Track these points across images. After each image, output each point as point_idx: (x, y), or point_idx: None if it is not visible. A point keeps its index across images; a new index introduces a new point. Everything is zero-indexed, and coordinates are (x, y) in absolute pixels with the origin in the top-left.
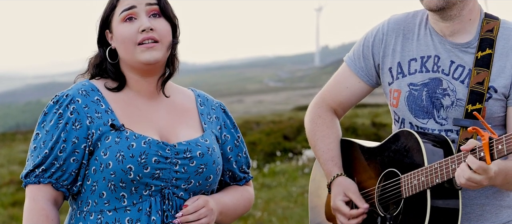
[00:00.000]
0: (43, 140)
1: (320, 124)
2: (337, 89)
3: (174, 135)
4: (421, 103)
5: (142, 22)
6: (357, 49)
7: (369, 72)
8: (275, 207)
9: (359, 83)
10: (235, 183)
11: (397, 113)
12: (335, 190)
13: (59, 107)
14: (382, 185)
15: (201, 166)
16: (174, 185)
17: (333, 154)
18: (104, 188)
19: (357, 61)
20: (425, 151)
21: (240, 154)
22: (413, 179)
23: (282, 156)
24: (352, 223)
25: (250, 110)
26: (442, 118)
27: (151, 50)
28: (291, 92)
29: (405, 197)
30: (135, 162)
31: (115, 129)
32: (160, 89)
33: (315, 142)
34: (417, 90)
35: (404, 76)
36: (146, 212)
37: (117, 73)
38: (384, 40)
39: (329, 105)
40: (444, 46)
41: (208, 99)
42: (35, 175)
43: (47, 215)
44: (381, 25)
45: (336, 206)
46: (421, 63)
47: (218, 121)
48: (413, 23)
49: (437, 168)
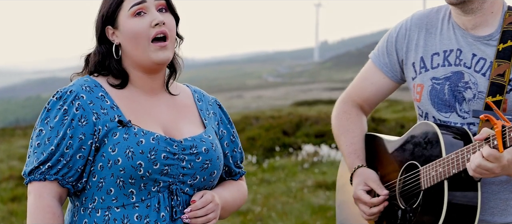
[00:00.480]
0: (47, 137)
1: (345, 119)
2: (363, 86)
3: (178, 131)
4: (443, 97)
5: (155, 16)
6: (381, 46)
7: (393, 67)
8: (274, 202)
9: (384, 79)
10: (231, 178)
11: (421, 107)
12: (356, 180)
13: (63, 103)
14: (403, 177)
15: (206, 162)
16: (181, 181)
17: (356, 148)
18: (112, 185)
19: (381, 57)
20: (443, 142)
21: (235, 149)
22: (431, 170)
23: (282, 151)
24: (373, 211)
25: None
26: (464, 112)
27: (164, 50)
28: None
29: (424, 189)
30: (145, 158)
31: (123, 125)
32: (166, 88)
33: (339, 137)
34: (440, 84)
35: (427, 70)
36: (155, 208)
37: (120, 71)
38: (408, 35)
39: (355, 101)
40: (466, 39)
41: (204, 95)
42: (40, 172)
43: (54, 212)
44: (405, 21)
45: (357, 195)
46: (443, 57)
47: (215, 117)
48: (436, 18)
49: (453, 158)
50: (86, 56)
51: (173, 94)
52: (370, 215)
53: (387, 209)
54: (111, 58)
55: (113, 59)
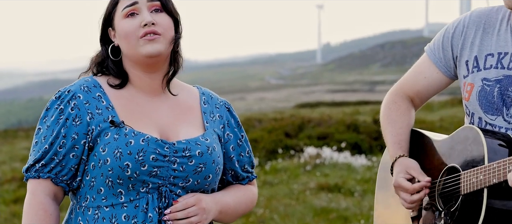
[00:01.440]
0: (44, 135)
1: (394, 110)
2: (416, 78)
3: (175, 133)
4: (491, 99)
5: (144, 17)
6: (438, 40)
7: (447, 63)
8: (276, 204)
9: (437, 74)
10: (238, 182)
11: (468, 106)
12: (397, 168)
13: (60, 103)
14: (444, 179)
15: (200, 165)
16: (172, 183)
17: (401, 139)
18: (102, 184)
19: (437, 52)
20: (486, 149)
21: (243, 153)
22: (472, 176)
23: (284, 153)
24: (414, 198)
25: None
26: (510, 117)
27: (153, 42)
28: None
29: (464, 194)
30: (133, 159)
31: (115, 125)
32: (165, 87)
33: (385, 126)
34: (490, 86)
35: (479, 70)
36: (143, 209)
37: (119, 71)
38: (464, 32)
39: (406, 93)
40: None
41: (213, 97)
42: (35, 169)
43: (46, 209)
44: (464, 17)
45: (398, 182)
46: (497, 59)
47: (221, 120)
48: (495, 18)
49: (495, 167)
50: (92, 58)
51: (173, 93)
52: (411, 203)
53: (426, 208)
54: (109, 58)
55: (110, 60)
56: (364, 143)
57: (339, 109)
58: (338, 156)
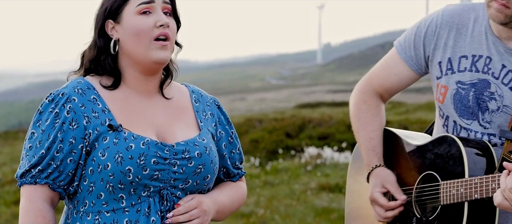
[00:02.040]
0: (39, 140)
1: (365, 110)
2: (385, 75)
3: (171, 135)
4: (467, 103)
5: (161, 17)
6: (409, 38)
7: (418, 61)
8: (277, 204)
9: (408, 71)
10: (229, 179)
11: (442, 109)
12: (373, 181)
13: (55, 106)
14: (421, 186)
15: (199, 166)
16: (172, 185)
17: (375, 144)
18: (102, 189)
19: (408, 50)
20: (466, 161)
21: (233, 150)
22: (452, 188)
23: (285, 153)
24: (388, 215)
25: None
26: (486, 122)
27: (164, 49)
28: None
29: (443, 204)
30: (134, 163)
31: (113, 129)
32: (159, 92)
33: (358, 128)
34: (465, 89)
35: (453, 72)
36: (145, 213)
37: (113, 68)
38: (437, 32)
39: (376, 90)
40: (497, 48)
41: (202, 95)
42: (31, 175)
43: (44, 216)
44: (435, 15)
45: (374, 197)
46: (472, 61)
47: (213, 118)
48: (468, 17)
49: (476, 183)
50: (82, 53)
51: (167, 98)
52: (385, 218)
53: (402, 213)
54: (106, 53)
55: (108, 55)
56: None
57: (339, 109)
58: (339, 156)
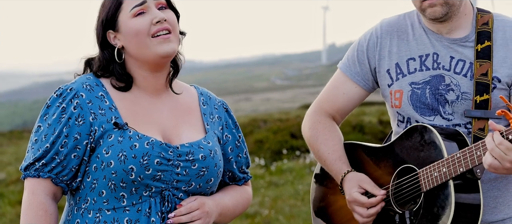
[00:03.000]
0: (44, 134)
1: (321, 129)
2: (334, 96)
3: (177, 136)
4: (425, 101)
5: (155, 14)
6: (352, 55)
7: (365, 76)
8: (282, 205)
9: (356, 88)
10: (234, 183)
11: (401, 113)
12: (348, 185)
13: (62, 101)
14: (397, 182)
15: (202, 169)
16: (175, 187)
17: (340, 154)
18: (104, 187)
19: (353, 67)
20: (443, 142)
21: (240, 154)
22: (433, 171)
23: (289, 154)
24: (371, 212)
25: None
26: (448, 114)
27: (168, 42)
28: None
29: (425, 191)
30: (137, 163)
31: (118, 127)
32: (168, 87)
33: (318, 147)
34: (420, 89)
35: (404, 75)
36: (146, 213)
37: (125, 74)
38: (379, 43)
39: (327, 112)
40: (441, 43)
41: (211, 97)
42: (35, 168)
43: (46, 210)
44: (374, 29)
45: (353, 198)
46: (420, 62)
47: (220, 121)
48: (405, 24)
49: (459, 157)
50: (86, 60)
51: (176, 92)
52: (368, 217)
53: (381, 215)
54: (114, 62)
55: (116, 64)
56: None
57: None
58: None
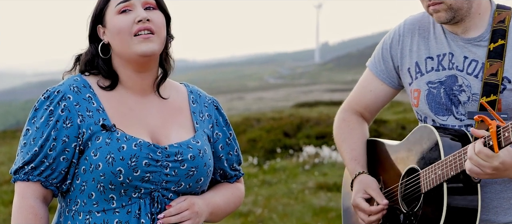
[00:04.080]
0: (33, 137)
1: (345, 127)
2: (362, 93)
3: (165, 136)
4: (440, 101)
5: (138, 13)
6: (377, 53)
7: (390, 74)
8: (275, 204)
9: (382, 86)
10: (226, 180)
11: (419, 112)
12: (356, 187)
13: (50, 104)
14: (404, 181)
15: (192, 169)
16: (164, 187)
17: (356, 154)
18: (93, 189)
19: (378, 64)
20: (441, 144)
21: (231, 152)
22: (430, 173)
23: (283, 153)
24: (372, 219)
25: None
26: (461, 114)
27: (148, 41)
28: (291, 88)
29: (424, 192)
30: (125, 165)
31: (106, 129)
32: (156, 90)
33: (340, 144)
34: (435, 88)
35: (422, 74)
36: (135, 214)
37: (109, 71)
38: (401, 41)
39: (355, 109)
40: (456, 42)
41: (201, 95)
42: (24, 172)
43: (36, 213)
44: (398, 27)
45: (356, 203)
46: (437, 61)
47: (210, 119)
48: (427, 22)
49: (451, 160)
50: (77, 56)
51: (163, 97)
52: (368, 223)
53: (390, 213)
54: (99, 57)
55: (100, 59)
56: None
57: (337, 108)
58: (337, 156)
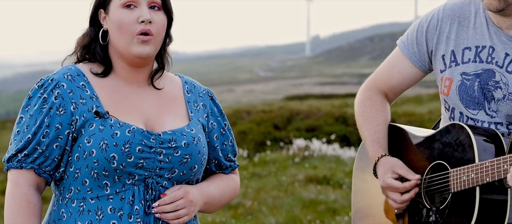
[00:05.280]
0: (26, 125)
1: (369, 106)
2: (389, 73)
3: (160, 124)
4: (472, 94)
5: (143, 13)
6: (411, 34)
7: (422, 57)
8: (265, 196)
9: (412, 68)
10: (221, 171)
11: (448, 101)
12: (382, 169)
13: (43, 91)
14: (429, 176)
15: (185, 156)
16: (158, 174)
17: (379, 136)
18: (87, 176)
19: (410, 47)
20: (476, 146)
21: (226, 142)
22: (462, 174)
23: (273, 145)
24: (405, 197)
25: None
26: (492, 111)
27: (145, 45)
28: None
29: (453, 192)
30: (119, 151)
31: (99, 116)
32: (150, 83)
33: (362, 124)
34: (469, 80)
35: (457, 64)
36: (129, 201)
37: (105, 57)
38: (439, 26)
39: (380, 89)
40: (499, 38)
41: (196, 86)
42: (17, 159)
43: (29, 200)
44: (436, 10)
45: (387, 183)
46: (475, 52)
47: (205, 109)
48: (468, 10)
49: (487, 166)
50: (77, 39)
51: (158, 88)
52: (402, 202)
53: (412, 205)
54: (97, 42)
55: (98, 43)
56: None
57: (327, 101)
58: (327, 148)
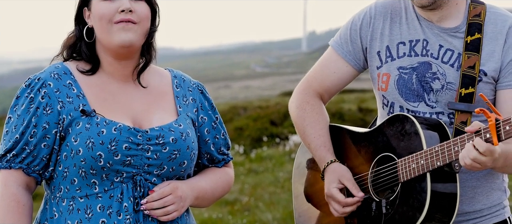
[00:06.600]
0: (14, 125)
1: (309, 110)
2: (324, 74)
3: (148, 120)
4: (411, 87)
5: (123, 2)
6: (344, 33)
7: (356, 55)
8: (262, 192)
9: (347, 67)
10: (214, 165)
11: (386, 97)
12: (329, 177)
13: (30, 91)
14: (375, 170)
15: (174, 152)
16: (146, 171)
17: (325, 140)
18: (75, 175)
19: (345, 45)
20: (423, 134)
21: (218, 136)
22: (411, 163)
23: (269, 141)
24: (346, 210)
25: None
26: (432, 101)
27: (127, 30)
28: (278, 77)
29: (403, 181)
30: (105, 149)
31: (86, 114)
32: (136, 78)
33: (304, 129)
34: (407, 74)
35: (393, 59)
36: (118, 198)
37: (91, 55)
38: (372, 23)
39: (316, 91)
40: (432, 30)
41: (185, 79)
42: (6, 160)
43: (18, 200)
44: (368, 8)
45: (331, 193)
46: (410, 47)
47: (194, 103)
48: (399, 6)
49: (437, 151)
50: (64, 40)
51: (143, 86)
52: (342, 214)
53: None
54: (82, 40)
55: (83, 42)
56: None
57: None
58: None
